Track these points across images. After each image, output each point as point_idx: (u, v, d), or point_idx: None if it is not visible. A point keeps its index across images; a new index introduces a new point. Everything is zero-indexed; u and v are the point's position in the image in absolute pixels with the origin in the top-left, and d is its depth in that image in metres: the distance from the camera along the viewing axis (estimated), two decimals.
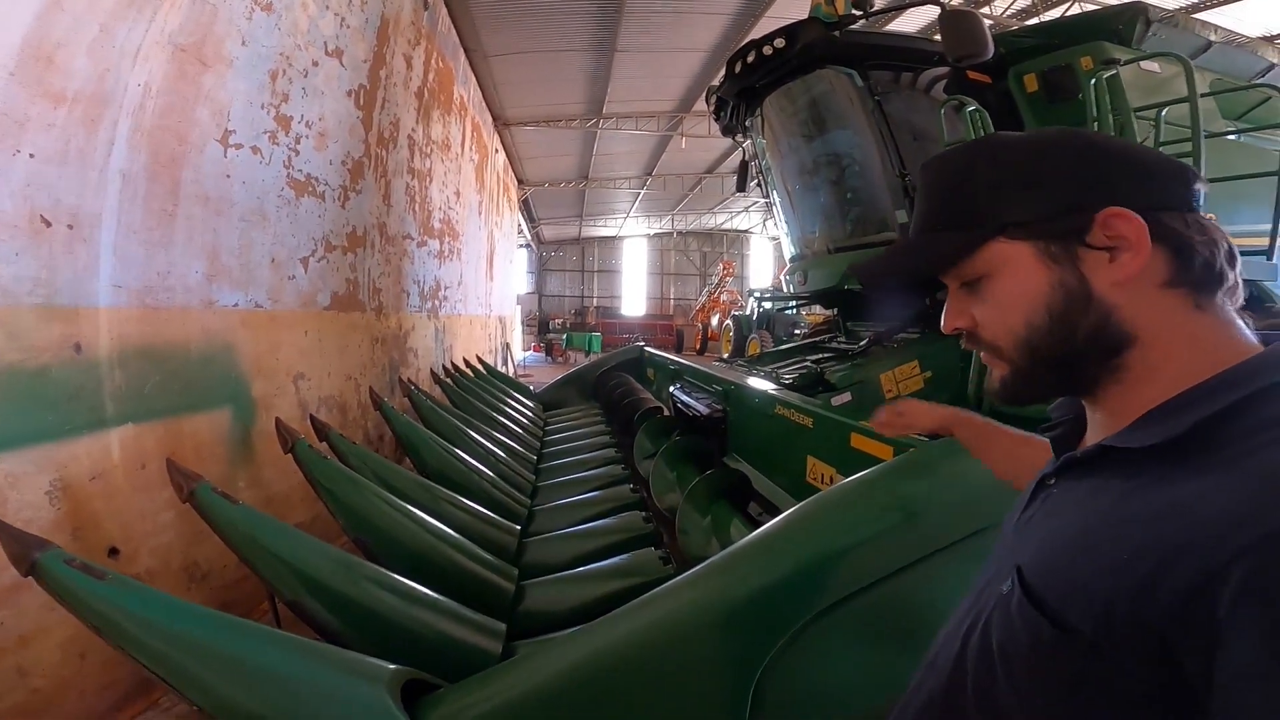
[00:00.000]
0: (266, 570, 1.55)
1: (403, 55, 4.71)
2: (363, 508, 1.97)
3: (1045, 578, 0.52)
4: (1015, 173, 0.58)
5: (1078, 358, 0.56)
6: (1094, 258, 0.55)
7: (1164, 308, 0.54)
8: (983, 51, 2.65)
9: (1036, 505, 0.62)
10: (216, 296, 2.53)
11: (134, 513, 2.08)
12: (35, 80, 1.69)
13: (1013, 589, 0.54)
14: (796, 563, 1.22)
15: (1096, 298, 0.55)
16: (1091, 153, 0.57)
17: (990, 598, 0.59)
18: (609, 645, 1.20)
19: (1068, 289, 0.56)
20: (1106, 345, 0.55)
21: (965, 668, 0.60)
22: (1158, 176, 0.55)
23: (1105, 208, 0.53)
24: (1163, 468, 0.49)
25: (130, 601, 1.12)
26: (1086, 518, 0.53)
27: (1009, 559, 0.58)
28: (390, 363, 4.55)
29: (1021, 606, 0.53)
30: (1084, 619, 0.48)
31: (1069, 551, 0.52)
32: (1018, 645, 0.53)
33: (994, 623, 0.57)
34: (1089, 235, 0.54)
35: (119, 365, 2.03)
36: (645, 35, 8.53)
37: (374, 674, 1.18)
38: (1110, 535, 0.49)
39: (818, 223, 4.19)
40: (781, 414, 2.51)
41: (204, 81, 2.39)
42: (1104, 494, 0.53)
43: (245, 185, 2.68)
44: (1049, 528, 0.57)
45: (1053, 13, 8.47)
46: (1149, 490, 0.49)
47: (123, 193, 2.03)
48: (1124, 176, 0.55)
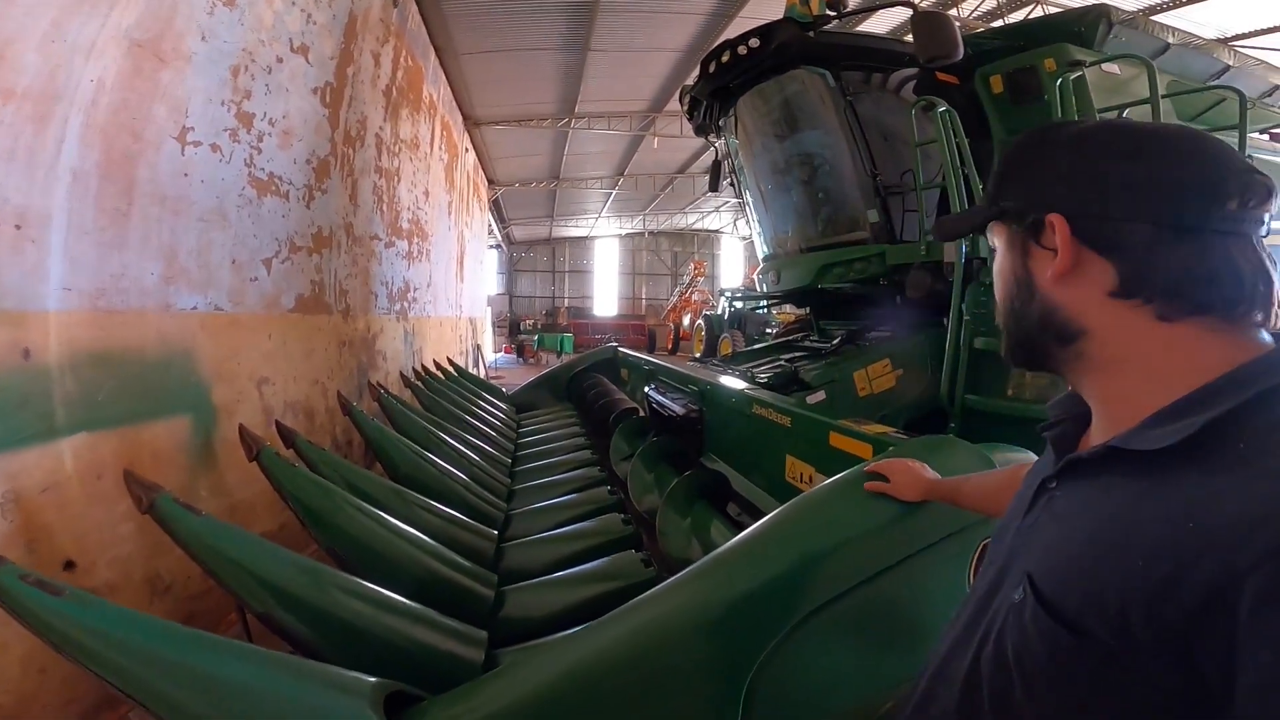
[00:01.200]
0: (234, 583, 1.49)
1: (371, 53, 4.61)
2: (334, 516, 1.91)
3: (1059, 584, 0.52)
4: (1024, 163, 0.62)
5: (1034, 337, 0.61)
6: (1041, 256, 0.59)
7: (1115, 314, 0.55)
8: (953, 53, 2.69)
9: (1039, 509, 0.61)
10: (174, 299, 2.43)
11: (90, 524, 2.00)
12: None
13: (1025, 597, 0.54)
14: (783, 565, 1.21)
15: (1040, 292, 0.59)
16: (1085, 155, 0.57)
17: (1001, 606, 0.58)
18: (596, 653, 1.18)
19: (1018, 278, 0.61)
20: (1055, 332, 0.59)
21: (979, 679, 0.59)
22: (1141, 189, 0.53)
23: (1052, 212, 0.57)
24: (1174, 469, 0.49)
25: (91, 617, 1.06)
26: (1098, 521, 0.52)
27: (1017, 565, 0.58)
28: (358, 366, 4.45)
29: (1036, 615, 0.52)
30: (1101, 624, 0.47)
31: (1083, 557, 0.51)
32: (1034, 654, 0.52)
33: (1008, 632, 0.56)
34: (1041, 235, 0.58)
35: (70, 371, 1.94)
36: (618, 35, 8.52)
37: (355, 688, 1.14)
38: (1125, 539, 0.49)
39: (790, 222, 4.22)
40: (759, 413, 2.51)
41: (161, 77, 2.31)
42: (1114, 496, 0.53)
43: (204, 184, 2.58)
44: (1057, 532, 0.57)
45: (1017, 15, 8.67)
46: (1161, 492, 0.49)
47: (73, 191, 1.94)
48: (1094, 184, 0.56)
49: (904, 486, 1.24)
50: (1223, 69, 3.81)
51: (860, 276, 3.45)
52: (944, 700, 0.64)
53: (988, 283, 2.68)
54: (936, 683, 0.66)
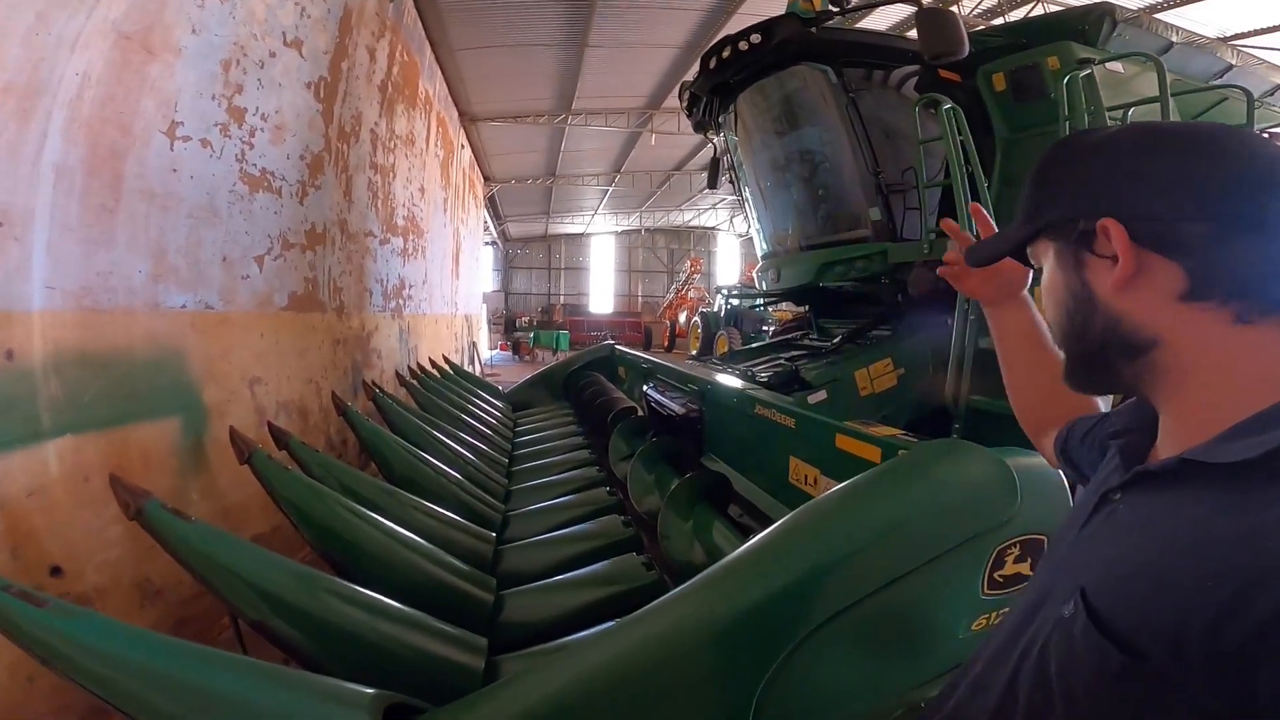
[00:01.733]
0: (227, 590, 1.45)
1: (366, 47, 4.54)
2: (328, 520, 1.87)
3: (1115, 602, 0.49)
4: (1061, 174, 0.60)
5: (1099, 354, 0.58)
6: (1098, 265, 0.56)
7: (1186, 319, 0.52)
8: (959, 50, 2.67)
9: (1099, 520, 0.58)
10: (163, 298, 2.37)
11: (77, 529, 1.95)
12: None
13: (1076, 612, 0.51)
14: (793, 574, 1.18)
15: (1101, 302, 0.56)
16: (1129, 156, 0.55)
17: (1047, 620, 0.55)
18: (603, 664, 1.14)
19: (1074, 291, 0.58)
20: (1124, 346, 0.55)
21: (1017, 693, 0.56)
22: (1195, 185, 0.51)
23: (1106, 217, 0.53)
24: (1248, 487, 0.46)
25: (77, 630, 1.03)
26: (1164, 537, 0.50)
27: (1069, 579, 0.55)
28: (353, 365, 4.39)
29: (1087, 631, 0.49)
30: (1155, 645, 0.45)
31: (1144, 574, 0.49)
32: (1080, 671, 0.50)
33: (1052, 647, 0.53)
34: (1095, 243, 0.55)
35: (55, 373, 1.89)
36: (617, 30, 8.47)
37: (353, 699, 1.11)
38: (1189, 559, 0.46)
39: (790, 219, 4.19)
40: (762, 414, 2.48)
41: (150, 71, 2.25)
42: (1184, 512, 0.49)
43: (194, 180, 2.52)
44: (1118, 546, 0.54)
45: (1017, 13, 8.65)
46: (1236, 509, 0.46)
47: (57, 187, 1.88)
48: (1145, 183, 0.53)
49: None
50: (1225, 68, 3.79)
51: (862, 275, 3.43)
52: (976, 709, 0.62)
53: None
54: (972, 693, 0.64)
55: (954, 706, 0.66)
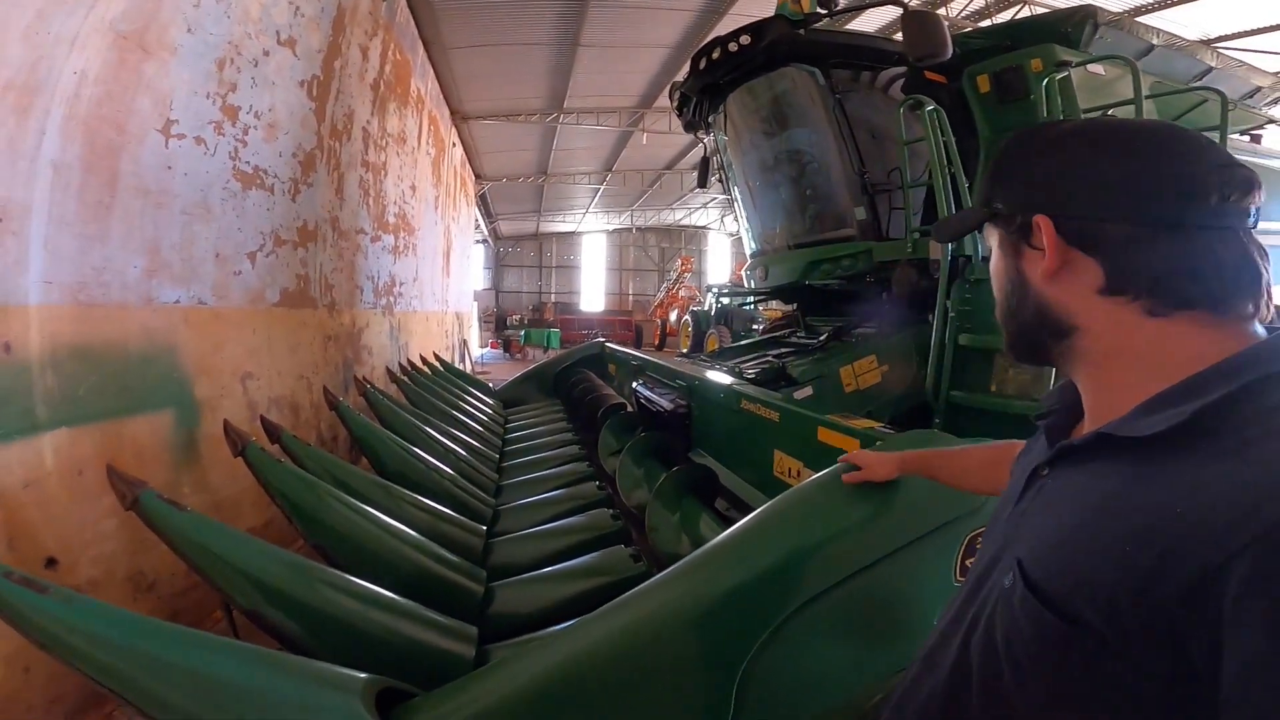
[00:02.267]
0: (220, 579, 1.46)
1: (359, 46, 4.56)
2: (321, 512, 1.89)
3: (1048, 570, 0.52)
4: (1011, 167, 0.64)
5: (1030, 332, 0.63)
6: (1032, 255, 0.60)
7: (1104, 310, 0.56)
8: (942, 52, 2.71)
9: (1030, 496, 0.62)
10: (157, 293, 2.40)
11: (72, 521, 1.97)
12: None
13: (1015, 583, 0.55)
14: (771, 559, 1.22)
15: (1033, 290, 0.61)
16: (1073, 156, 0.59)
17: (990, 593, 0.59)
18: (587, 648, 1.18)
19: (1011, 277, 0.64)
20: (1050, 328, 0.61)
21: (969, 665, 0.60)
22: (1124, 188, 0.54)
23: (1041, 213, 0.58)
24: (1163, 456, 0.49)
25: (77, 615, 1.05)
26: (1087, 507, 0.53)
27: (1008, 552, 0.59)
28: (344, 361, 4.41)
29: (1025, 601, 0.53)
30: (1090, 610, 0.48)
31: (1071, 543, 0.52)
32: (1023, 640, 0.53)
33: (997, 618, 0.57)
34: (1031, 235, 0.60)
35: (51, 366, 1.91)
36: (609, 30, 8.48)
37: (346, 684, 1.13)
38: (1113, 525, 0.49)
39: (778, 219, 4.24)
40: (747, 409, 2.53)
41: (145, 70, 2.27)
42: (1103, 483, 0.53)
43: (188, 177, 2.55)
44: (1047, 519, 0.57)
45: (1004, 15, 8.73)
46: (1150, 479, 0.49)
47: (55, 184, 1.91)
48: (1080, 185, 0.57)
49: (876, 467, 1.27)
50: (1205, 70, 3.87)
51: (847, 273, 3.48)
52: (931, 686, 0.65)
53: (973, 280, 2.71)
54: (925, 669, 0.67)
55: (909, 683, 0.69)
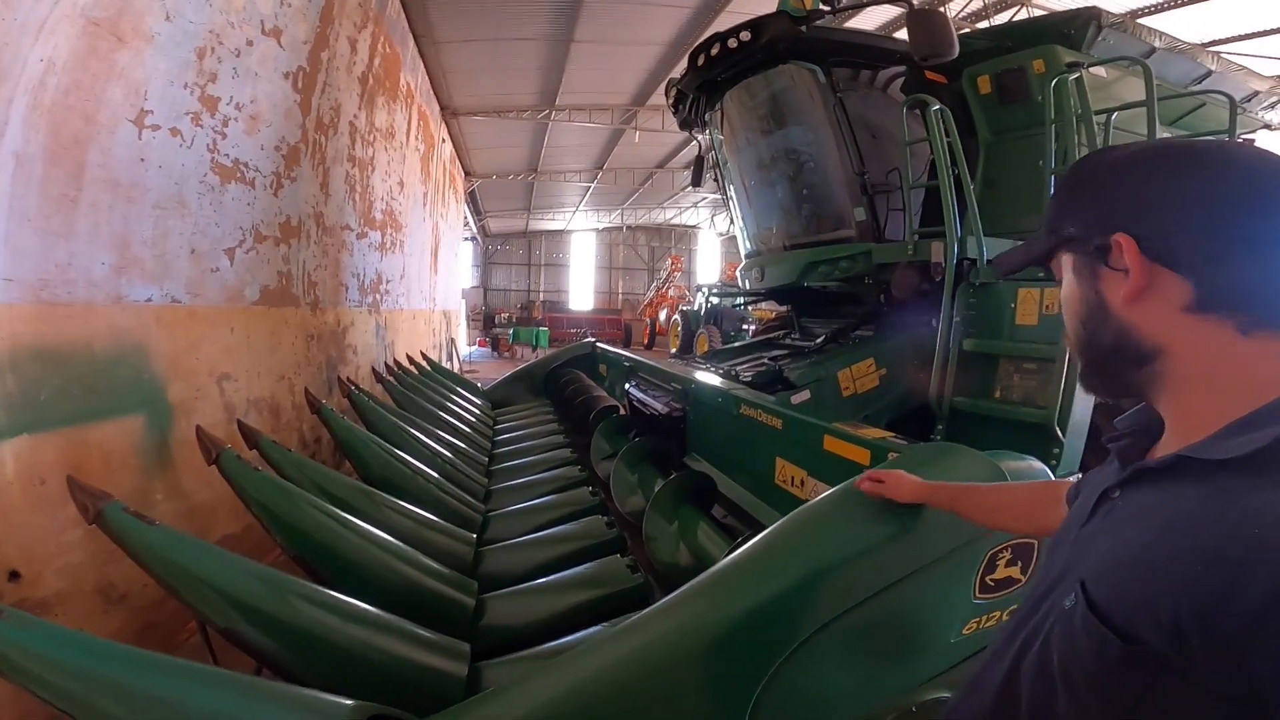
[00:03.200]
0: (193, 596, 1.38)
1: (347, 38, 4.44)
2: (301, 522, 1.79)
3: (1111, 590, 0.51)
4: (1082, 190, 0.63)
5: (1107, 361, 0.61)
6: (1112, 278, 0.58)
7: (1193, 330, 0.55)
8: (948, 51, 2.67)
9: (1099, 518, 0.61)
10: (126, 291, 2.28)
11: (35, 532, 1.87)
12: None
13: (1077, 603, 0.53)
14: (786, 582, 1.16)
15: (1113, 314, 0.59)
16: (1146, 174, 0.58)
17: (1049, 613, 0.58)
18: (593, 675, 1.11)
19: (1088, 302, 0.61)
20: (1131, 355, 0.58)
21: (1018, 687, 0.58)
22: (1204, 203, 0.54)
23: (1120, 233, 0.56)
24: (1239, 481, 0.48)
25: (34, 640, 0.97)
26: (1156, 527, 0.52)
27: (1071, 574, 0.57)
28: (328, 361, 4.29)
29: (1087, 621, 0.51)
30: (1154, 631, 0.47)
31: (1137, 562, 0.51)
32: (1082, 661, 0.52)
33: (1054, 640, 0.55)
34: (1110, 257, 0.58)
35: (10, 369, 1.81)
36: (603, 26, 8.40)
37: (332, 712, 1.06)
38: (1182, 544, 0.48)
39: (775, 218, 4.18)
40: (747, 414, 2.46)
41: (118, 58, 2.16)
42: (1176, 504, 0.52)
43: (162, 169, 2.43)
44: (1114, 540, 0.56)
45: (1003, 16, 8.75)
46: (1225, 501, 0.48)
47: (16, 176, 1.80)
48: (1157, 201, 0.56)
49: (901, 492, 1.22)
50: (1205, 73, 3.85)
51: (845, 275, 3.42)
52: (972, 710, 0.63)
53: (978, 284, 2.66)
54: (968, 693, 0.66)
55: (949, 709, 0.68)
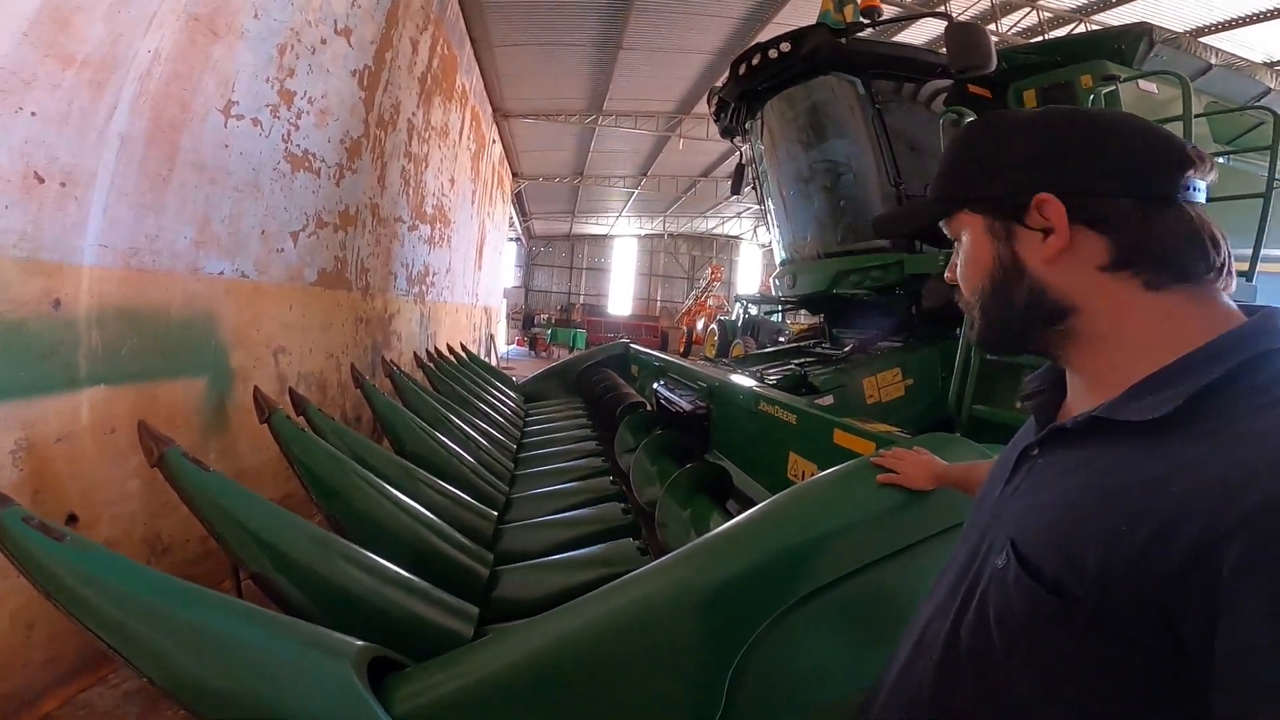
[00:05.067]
0: (232, 541, 1.49)
1: (410, 39, 4.68)
2: (338, 484, 1.94)
3: (1040, 549, 0.53)
4: (990, 151, 0.63)
5: (1019, 321, 0.61)
6: (1029, 237, 0.59)
7: (1106, 287, 0.56)
8: (986, 63, 2.68)
9: (1021, 476, 0.62)
10: (203, 264, 2.49)
11: (98, 478, 2.02)
12: (48, 42, 1.68)
13: (1008, 562, 0.55)
14: (776, 549, 1.21)
15: (1029, 273, 0.59)
16: (1057, 137, 0.59)
17: (983, 572, 0.59)
18: (581, 627, 1.18)
19: (1003, 262, 0.61)
20: (1045, 313, 0.59)
21: (959, 645, 0.60)
22: (1121, 164, 0.56)
23: (1040, 193, 0.57)
24: (1156, 436, 0.50)
25: (87, 565, 1.06)
26: (1079, 487, 0.53)
27: (1000, 532, 0.59)
28: (373, 344, 4.51)
29: (1019, 579, 0.53)
30: (1082, 586, 0.48)
31: (1063, 522, 0.52)
32: (1016, 618, 0.54)
33: (990, 598, 0.57)
34: (1027, 216, 0.58)
35: (97, 325, 1.99)
36: (652, 34, 8.55)
37: (339, 649, 1.13)
38: (1106, 503, 0.49)
39: (810, 228, 4.22)
40: (765, 410, 2.52)
41: (213, 51, 2.38)
42: (1096, 463, 0.53)
43: (242, 156, 2.65)
44: (1039, 498, 0.58)
45: (1058, 32, 8.56)
46: (1143, 458, 0.50)
47: (119, 155, 2.00)
48: (1076, 163, 0.57)
49: (915, 476, 1.25)
50: (1264, 91, 3.74)
51: (877, 284, 3.45)
52: (922, 667, 0.65)
53: None
54: (916, 651, 0.67)
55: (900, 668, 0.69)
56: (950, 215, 0.66)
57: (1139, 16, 7.50)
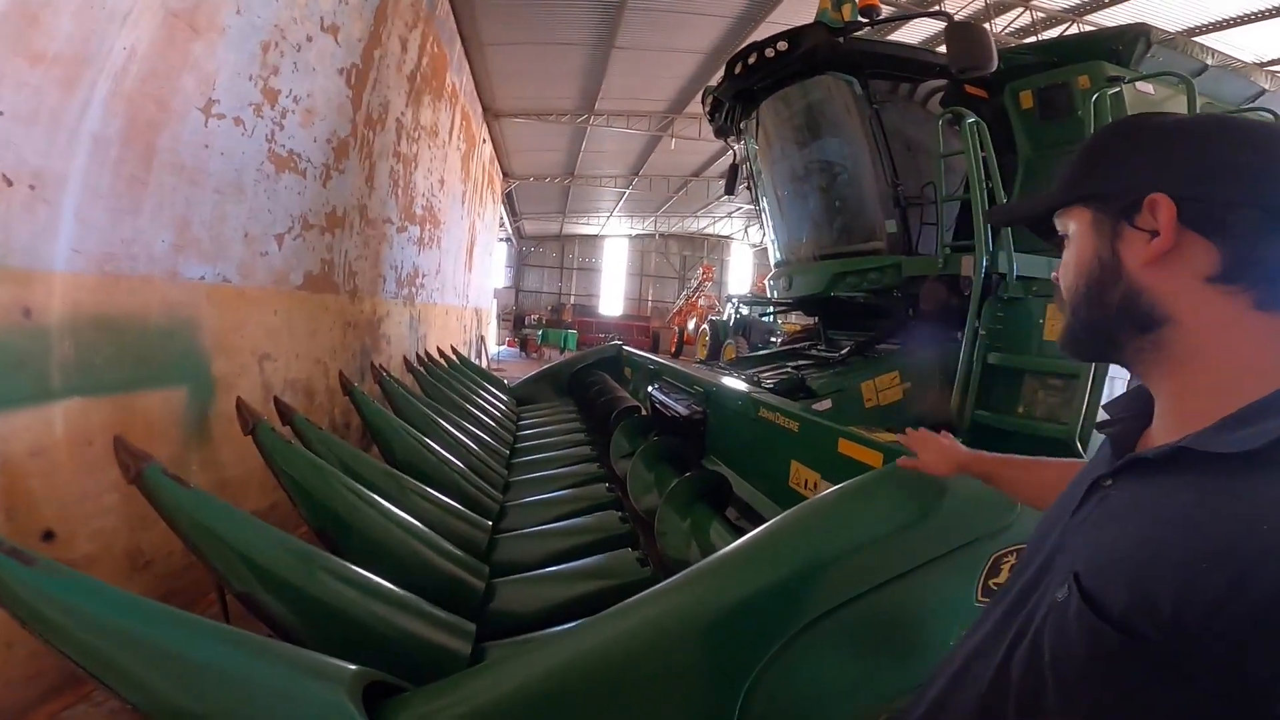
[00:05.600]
0: (217, 560, 1.43)
1: (399, 37, 4.60)
2: (327, 497, 1.87)
3: (1108, 583, 0.50)
4: (1119, 149, 0.61)
5: (1108, 325, 0.59)
6: (1134, 237, 0.56)
7: (1208, 300, 0.53)
8: (987, 64, 2.66)
9: (1090, 507, 0.59)
10: (182, 268, 2.40)
11: (75, 493, 1.95)
12: (15, 38, 1.60)
13: (1070, 596, 0.51)
14: (785, 571, 1.17)
15: (1126, 274, 0.57)
16: (1180, 140, 0.57)
17: (1039, 605, 0.56)
18: (588, 650, 1.14)
19: (1102, 260, 0.59)
20: (1136, 320, 0.56)
21: (1008, 681, 0.56)
22: (1252, 172, 0.52)
23: (1154, 192, 0.54)
24: (1242, 473, 0.46)
25: (61, 590, 1.00)
26: (1157, 522, 0.50)
27: (1061, 564, 0.56)
28: (362, 348, 4.42)
29: (1081, 614, 0.50)
30: (1154, 628, 0.45)
31: (1137, 556, 0.49)
32: (1074, 654, 0.50)
33: (1047, 632, 0.54)
34: (1137, 216, 0.56)
35: (70, 334, 1.91)
36: (645, 33, 8.52)
37: (332, 674, 1.09)
38: (1187, 540, 0.46)
39: (805, 229, 4.18)
40: (765, 417, 2.47)
41: (193, 49, 2.29)
42: (1177, 497, 0.50)
43: (224, 156, 2.56)
44: (1109, 531, 0.54)
45: (1050, 32, 8.60)
46: (1232, 495, 0.46)
47: (92, 156, 1.92)
48: (1199, 166, 0.54)
49: (935, 462, 1.21)
50: (1258, 92, 3.75)
51: (874, 286, 3.42)
52: (961, 700, 0.61)
53: (1007, 298, 2.63)
54: (954, 686, 0.63)
55: (934, 701, 0.66)
56: (1067, 207, 0.64)
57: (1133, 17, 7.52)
